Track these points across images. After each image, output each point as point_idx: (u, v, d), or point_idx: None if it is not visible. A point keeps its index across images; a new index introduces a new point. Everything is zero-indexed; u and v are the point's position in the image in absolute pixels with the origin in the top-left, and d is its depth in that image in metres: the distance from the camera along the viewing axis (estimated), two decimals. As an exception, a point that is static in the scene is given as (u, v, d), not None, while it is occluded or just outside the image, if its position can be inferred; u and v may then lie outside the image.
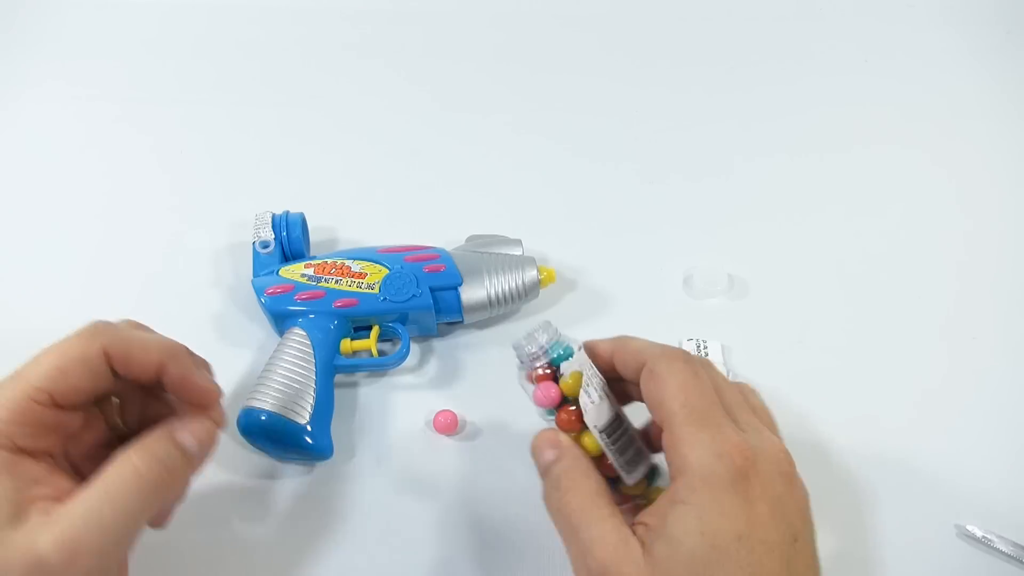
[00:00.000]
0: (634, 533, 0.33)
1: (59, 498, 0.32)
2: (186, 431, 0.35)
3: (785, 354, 0.53)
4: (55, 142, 0.66)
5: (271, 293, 0.50)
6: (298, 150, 0.66)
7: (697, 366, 0.36)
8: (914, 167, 0.66)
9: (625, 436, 0.38)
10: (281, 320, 0.50)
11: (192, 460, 0.36)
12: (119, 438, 0.38)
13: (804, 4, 0.80)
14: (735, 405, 0.36)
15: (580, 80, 0.73)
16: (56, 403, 0.33)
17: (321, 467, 0.47)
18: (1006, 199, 0.63)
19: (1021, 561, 0.43)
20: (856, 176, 0.65)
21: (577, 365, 0.39)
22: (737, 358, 0.52)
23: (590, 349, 0.40)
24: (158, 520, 0.38)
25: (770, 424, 0.37)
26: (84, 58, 0.73)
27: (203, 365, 0.39)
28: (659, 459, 0.39)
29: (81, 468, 0.36)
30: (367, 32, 0.77)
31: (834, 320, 0.55)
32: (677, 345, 0.53)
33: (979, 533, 0.44)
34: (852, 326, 0.55)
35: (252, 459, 0.47)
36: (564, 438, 0.38)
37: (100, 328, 0.35)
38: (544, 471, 0.37)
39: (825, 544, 0.44)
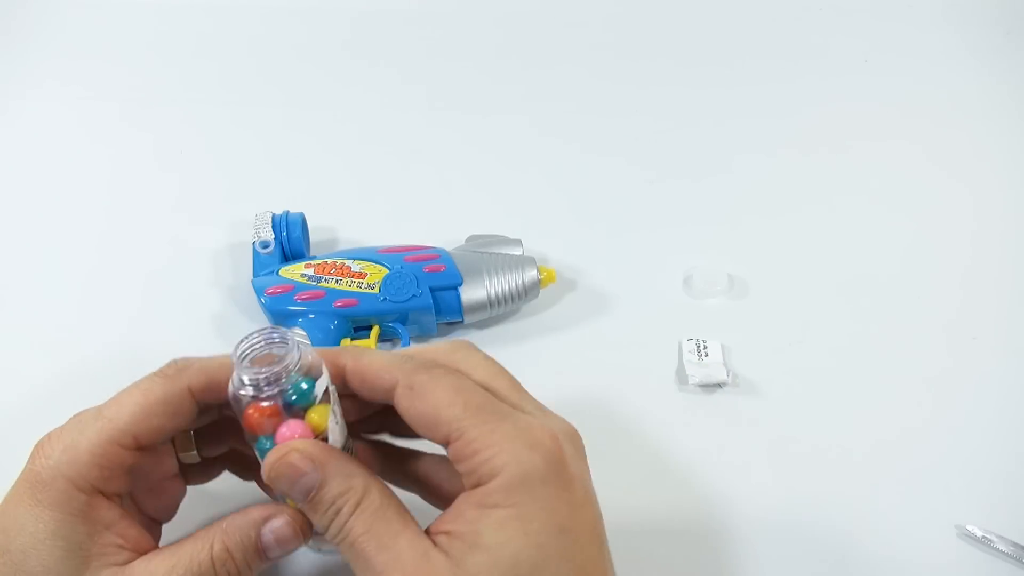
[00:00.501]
0: (435, 544, 0.29)
1: (126, 547, 0.32)
2: (269, 530, 0.33)
3: (785, 354, 0.53)
4: (55, 142, 0.66)
5: (271, 293, 0.50)
6: (298, 150, 0.66)
7: (452, 368, 0.32)
8: (914, 167, 0.66)
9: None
10: (281, 320, 0.50)
11: (267, 559, 0.33)
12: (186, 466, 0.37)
13: (803, 2, 0.80)
14: (506, 389, 0.33)
15: (580, 80, 0.73)
16: (139, 445, 0.33)
17: (321, 467, 0.47)
18: (1007, 199, 0.63)
19: (1021, 561, 0.43)
20: (856, 176, 0.65)
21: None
22: (737, 358, 0.52)
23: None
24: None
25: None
26: (84, 58, 0.73)
27: None
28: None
29: (142, 502, 0.36)
30: (367, 32, 0.77)
31: (834, 320, 0.55)
32: (676, 345, 0.53)
33: (979, 533, 0.44)
34: (852, 326, 0.55)
35: (252, 459, 0.47)
36: (313, 448, 0.30)
37: (182, 365, 0.34)
38: (309, 500, 0.30)
39: (825, 544, 0.45)
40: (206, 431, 0.37)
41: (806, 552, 0.44)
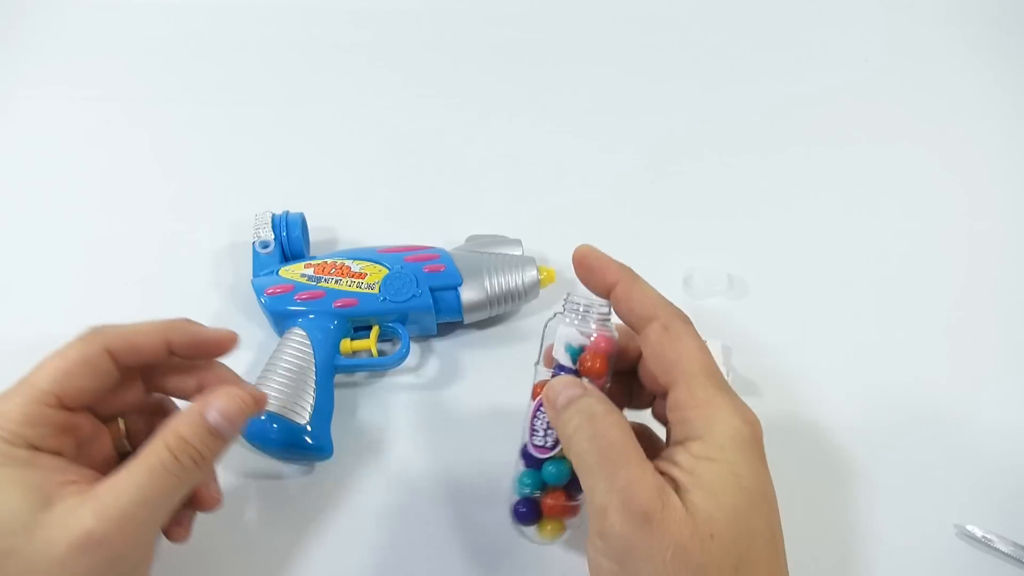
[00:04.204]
0: None
1: (83, 483, 0.33)
2: (214, 409, 0.35)
3: (785, 354, 0.53)
4: (54, 142, 0.66)
5: (271, 293, 0.50)
6: (298, 150, 0.66)
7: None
8: (914, 167, 0.66)
9: None
10: (281, 320, 0.50)
11: (223, 438, 0.36)
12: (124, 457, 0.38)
13: (804, 2, 0.80)
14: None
15: (580, 79, 0.73)
16: (64, 405, 0.34)
17: (321, 467, 0.47)
18: (1007, 198, 0.63)
19: (1021, 561, 0.43)
20: (856, 176, 0.65)
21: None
22: (737, 358, 0.52)
23: (584, 257, 0.40)
24: (178, 534, 0.38)
25: None
26: (83, 58, 0.73)
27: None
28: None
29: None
30: (367, 32, 0.77)
31: (835, 320, 0.55)
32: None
33: (979, 533, 0.44)
34: (852, 326, 0.55)
35: (252, 459, 0.47)
36: (588, 382, 0.36)
37: (99, 329, 0.36)
38: (569, 405, 0.34)
39: (826, 543, 0.45)
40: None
41: (806, 552, 0.44)
